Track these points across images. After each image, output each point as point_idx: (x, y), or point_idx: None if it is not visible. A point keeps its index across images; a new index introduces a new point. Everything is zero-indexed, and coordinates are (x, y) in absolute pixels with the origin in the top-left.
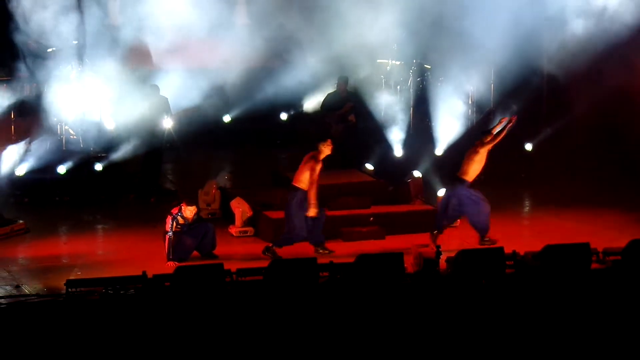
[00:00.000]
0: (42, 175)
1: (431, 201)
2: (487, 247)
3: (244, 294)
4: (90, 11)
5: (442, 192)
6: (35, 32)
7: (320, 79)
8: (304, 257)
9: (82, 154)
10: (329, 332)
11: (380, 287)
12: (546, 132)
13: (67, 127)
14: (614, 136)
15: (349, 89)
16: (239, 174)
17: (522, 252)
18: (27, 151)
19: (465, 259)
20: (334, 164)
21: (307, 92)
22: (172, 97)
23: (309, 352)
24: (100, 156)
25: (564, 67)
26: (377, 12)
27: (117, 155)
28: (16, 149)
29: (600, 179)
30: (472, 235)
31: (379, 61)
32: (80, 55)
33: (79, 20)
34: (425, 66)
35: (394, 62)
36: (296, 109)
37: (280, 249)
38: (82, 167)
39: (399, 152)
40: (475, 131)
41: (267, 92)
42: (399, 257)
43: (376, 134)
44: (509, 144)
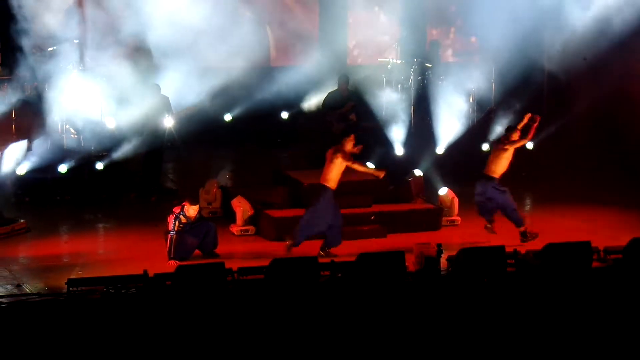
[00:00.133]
0: (43, 174)
1: (432, 200)
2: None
3: (245, 293)
4: (91, 10)
5: (443, 191)
6: (36, 31)
7: (321, 78)
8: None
9: (83, 153)
10: (330, 331)
11: (381, 286)
12: (548, 131)
13: (68, 126)
14: (614, 135)
15: (350, 88)
16: (239, 172)
17: (523, 251)
18: (28, 150)
19: (466, 257)
20: None
21: (308, 91)
22: (173, 96)
23: (310, 351)
24: (101, 155)
25: (565, 65)
26: (379, 10)
27: (118, 154)
28: (17, 148)
29: (601, 177)
30: (474, 233)
31: (380, 60)
32: (81, 54)
33: (80, 19)
34: (426, 65)
35: (395, 60)
36: (296, 108)
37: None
38: (83, 166)
39: (400, 150)
40: (476, 130)
41: (267, 91)
42: (400, 255)
43: (377, 132)
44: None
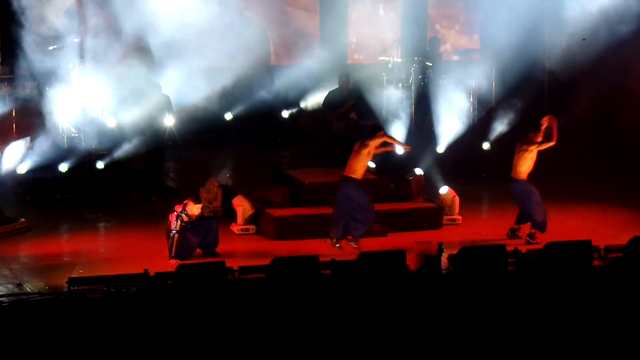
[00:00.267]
0: (43, 173)
1: (433, 199)
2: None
3: (246, 292)
4: (91, 9)
5: (444, 190)
6: (37, 30)
7: (321, 76)
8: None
9: (84, 152)
10: (331, 329)
11: (382, 284)
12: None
13: (68, 125)
14: (615, 133)
15: (350, 86)
16: (240, 171)
17: (523, 250)
18: (29, 149)
19: (467, 256)
20: (335, 161)
21: (309, 90)
22: (173, 95)
23: (311, 350)
24: (101, 154)
25: (566, 64)
26: (379, 8)
27: (118, 153)
28: (18, 147)
29: (601, 176)
30: (474, 232)
31: (380, 59)
32: (81, 53)
33: (81, 18)
34: (427, 63)
35: (395, 59)
36: (297, 107)
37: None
38: (84, 165)
39: (400, 149)
40: (476, 128)
41: (268, 90)
42: (401, 254)
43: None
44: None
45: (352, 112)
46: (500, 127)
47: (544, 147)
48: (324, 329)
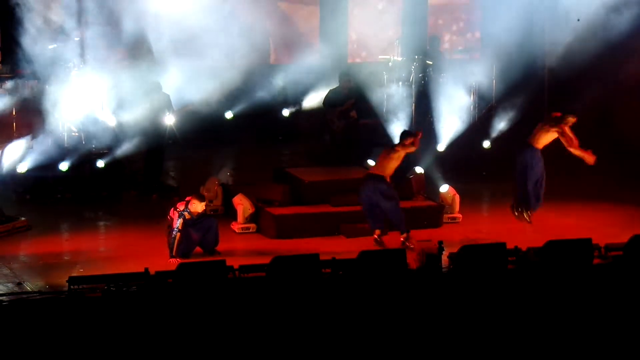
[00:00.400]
0: (44, 172)
1: (433, 197)
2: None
3: (246, 291)
4: (92, 7)
5: (444, 188)
6: (37, 28)
7: (322, 75)
8: (306, 253)
9: (84, 151)
10: (332, 328)
11: (382, 283)
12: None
13: (68, 124)
14: (615, 132)
15: (350, 85)
16: (240, 170)
17: (524, 248)
18: (29, 148)
19: (467, 254)
20: (335, 160)
21: (309, 89)
22: (174, 94)
23: (312, 349)
24: (102, 153)
25: (566, 62)
26: (379, 7)
27: (119, 152)
28: (18, 145)
29: (601, 174)
30: (474, 230)
31: (380, 57)
32: (82, 51)
33: (81, 16)
34: (427, 62)
35: (395, 58)
36: (297, 106)
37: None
38: (84, 164)
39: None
40: (477, 127)
41: (268, 89)
42: (401, 253)
43: (378, 130)
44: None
45: (353, 111)
46: (500, 125)
47: (563, 142)
48: (324, 328)
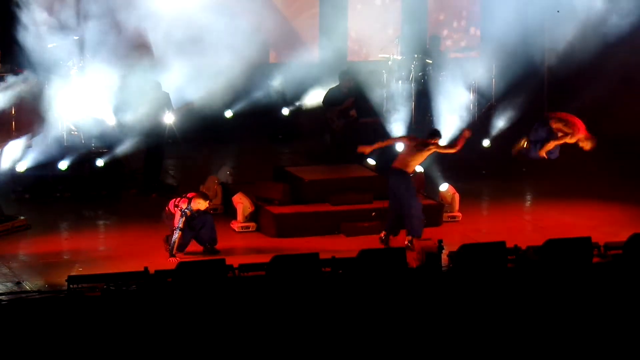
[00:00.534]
0: (43, 171)
1: (433, 196)
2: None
3: (246, 290)
4: (91, 6)
5: (444, 187)
6: (35, 27)
7: (321, 74)
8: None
9: (83, 149)
10: (332, 327)
11: (382, 282)
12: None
13: (68, 123)
14: (615, 130)
15: (351, 84)
16: (240, 169)
17: (523, 247)
18: (28, 147)
19: (467, 253)
20: (335, 159)
21: (309, 88)
22: (173, 93)
23: (312, 347)
24: (101, 152)
25: (566, 61)
26: (379, 6)
27: (118, 151)
28: (17, 144)
29: (601, 173)
30: (474, 229)
31: (380, 56)
32: (81, 50)
33: (81, 15)
34: (427, 61)
35: (395, 56)
36: (297, 105)
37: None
38: (84, 163)
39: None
40: (477, 125)
41: (268, 88)
42: (401, 252)
43: (378, 128)
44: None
45: (352, 110)
46: (500, 124)
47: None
48: (324, 327)
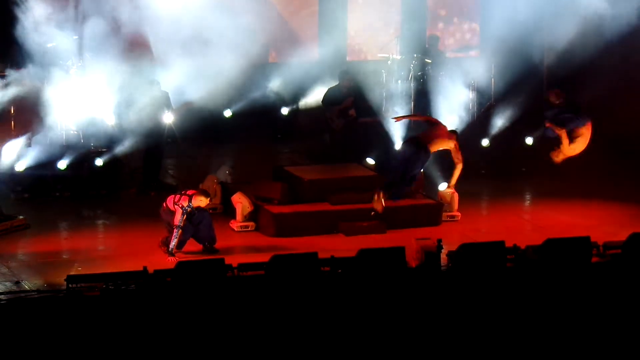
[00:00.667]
0: (42, 170)
1: (432, 195)
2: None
3: (245, 289)
4: (90, 5)
5: (443, 187)
6: (35, 26)
7: (321, 73)
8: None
9: (83, 149)
10: (331, 326)
11: (381, 281)
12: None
13: (67, 123)
14: (614, 129)
15: (351, 84)
16: (239, 168)
17: (522, 246)
18: (27, 146)
19: (466, 253)
20: (334, 158)
21: (308, 87)
22: (172, 92)
23: (311, 347)
24: (100, 151)
25: (565, 60)
26: (378, 5)
27: (117, 150)
28: (16, 144)
29: (600, 172)
30: (473, 229)
31: (379, 55)
32: (80, 50)
33: (79, 14)
34: (426, 60)
35: (394, 56)
36: (296, 104)
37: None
38: (83, 162)
39: (399, 146)
40: (476, 125)
41: (267, 87)
42: (400, 251)
43: (377, 128)
44: (509, 138)
45: (352, 109)
46: (499, 123)
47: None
48: (323, 326)
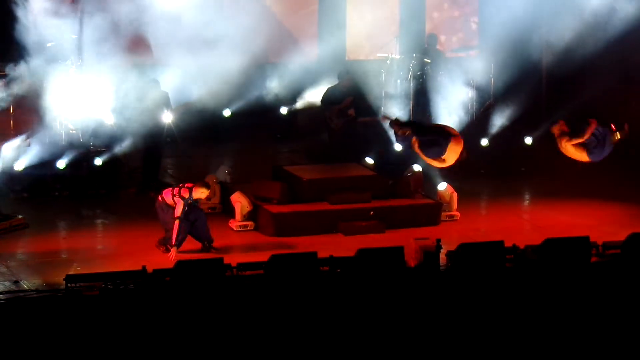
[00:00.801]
0: (41, 170)
1: (431, 195)
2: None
3: (244, 289)
4: (89, 4)
5: (442, 186)
6: (34, 26)
7: (320, 73)
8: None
9: (82, 148)
10: (330, 326)
11: (380, 281)
12: (546, 125)
13: (66, 122)
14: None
15: (351, 83)
16: (239, 168)
17: (522, 246)
18: (26, 146)
19: (465, 252)
20: (333, 158)
21: (307, 87)
22: (172, 91)
23: (310, 346)
24: (99, 151)
25: (564, 60)
26: (377, 5)
27: (117, 150)
28: (15, 143)
29: (599, 172)
30: (472, 229)
31: (378, 55)
32: (79, 49)
33: (78, 14)
34: (425, 60)
35: (394, 55)
36: (296, 104)
37: None
38: (82, 161)
39: (399, 146)
40: (475, 124)
41: (266, 87)
42: (399, 251)
43: (376, 127)
44: (509, 138)
45: (351, 109)
46: (498, 122)
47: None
48: (322, 325)
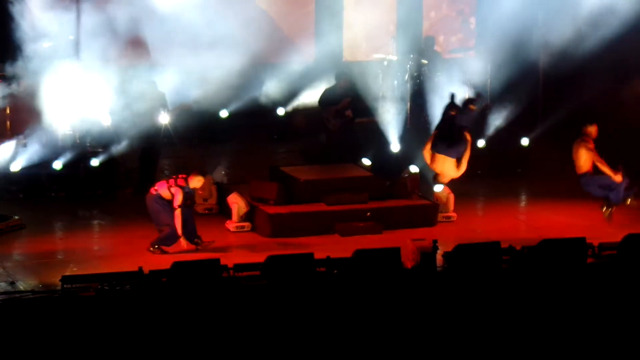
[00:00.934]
0: (37, 170)
1: (428, 196)
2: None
3: (240, 290)
4: (87, 5)
5: (439, 187)
6: (31, 26)
7: (317, 74)
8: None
9: (78, 149)
10: (327, 327)
11: (377, 282)
12: (543, 127)
13: (63, 123)
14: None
15: (349, 84)
16: (235, 169)
17: (518, 247)
18: (23, 146)
19: (462, 253)
20: (330, 159)
21: (305, 88)
22: (169, 92)
23: (306, 347)
24: (96, 151)
25: (562, 61)
26: (374, 6)
27: (113, 150)
28: (11, 144)
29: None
30: (469, 229)
31: (376, 56)
32: (76, 50)
33: (75, 14)
34: (422, 61)
35: (391, 57)
36: (293, 104)
37: None
38: (78, 162)
39: (396, 147)
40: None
41: (263, 88)
42: (396, 252)
43: (373, 129)
44: (505, 139)
45: (348, 110)
46: (495, 124)
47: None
48: (319, 326)
